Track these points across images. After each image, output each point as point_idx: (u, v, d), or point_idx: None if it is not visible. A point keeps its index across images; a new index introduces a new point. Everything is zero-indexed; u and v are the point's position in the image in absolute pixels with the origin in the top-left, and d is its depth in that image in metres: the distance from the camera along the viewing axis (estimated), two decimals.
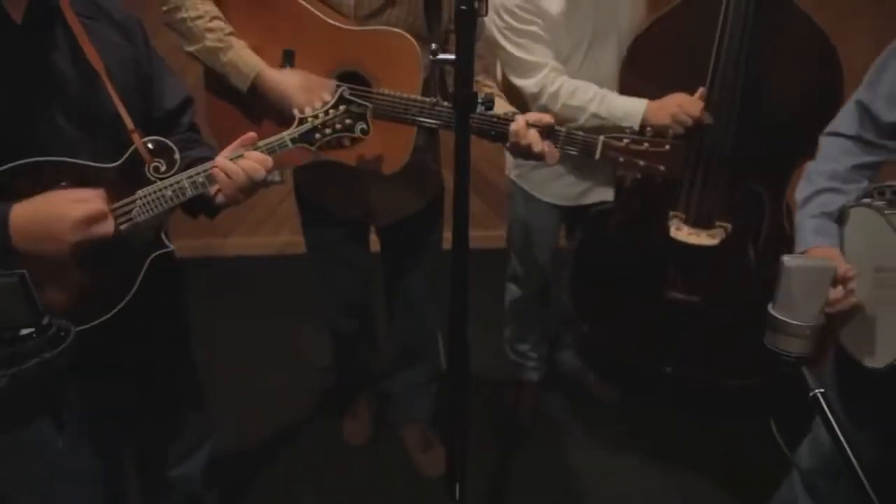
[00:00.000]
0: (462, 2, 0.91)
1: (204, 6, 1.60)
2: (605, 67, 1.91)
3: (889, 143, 1.37)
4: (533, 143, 1.48)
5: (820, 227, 1.37)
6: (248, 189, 1.30)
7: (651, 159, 1.48)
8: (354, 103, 1.37)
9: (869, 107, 1.37)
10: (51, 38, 1.18)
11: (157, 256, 1.29)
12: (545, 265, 2.25)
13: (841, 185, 1.39)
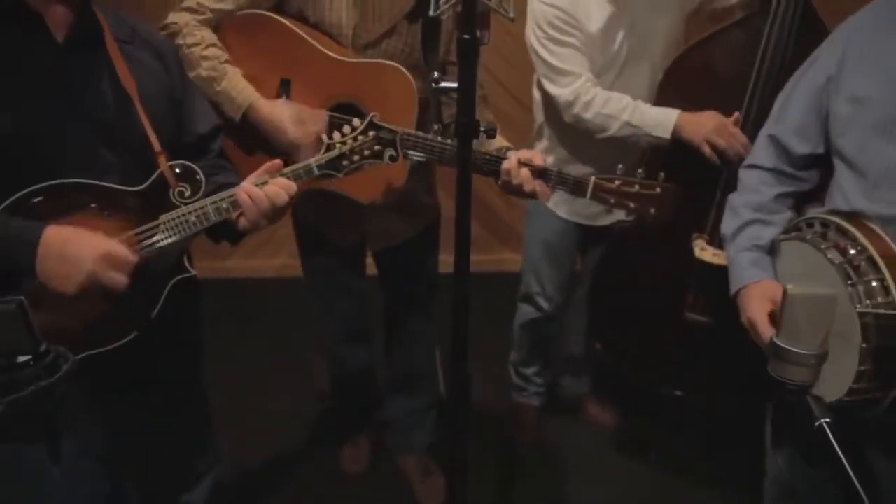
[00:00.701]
0: (464, 31, 0.91)
1: (201, 33, 1.60)
2: (637, 91, 1.93)
3: (804, 175, 1.39)
4: (524, 183, 1.47)
5: (755, 261, 1.36)
6: (272, 214, 1.29)
7: (641, 202, 1.47)
8: (384, 129, 1.36)
9: (780, 139, 1.38)
10: (89, 59, 1.21)
11: (180, 281, 1.28)
12: (562, 285, 2.24)
13: (767, 215, 1.39)
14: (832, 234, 1.22)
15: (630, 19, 1.89)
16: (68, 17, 1.18)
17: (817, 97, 1.32)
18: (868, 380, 1.13)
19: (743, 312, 1.36)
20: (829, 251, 1.18)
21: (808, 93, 1.34)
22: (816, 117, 1.33)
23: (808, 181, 1.40)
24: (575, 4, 1.85)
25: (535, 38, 1.92)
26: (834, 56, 1.29)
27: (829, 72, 1.30)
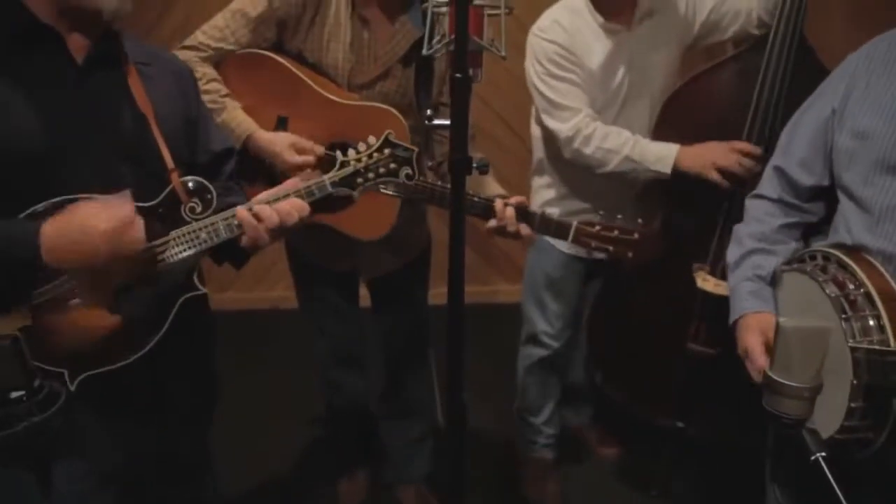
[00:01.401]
0: (457, 69, 0.93)
1: (203, 68, 1.66)
2: (637, 126, 1.93)
3: (809, 206, 1.38)
4: (508, 223, 1.52)
5: (755, 291, 1.36)
6: (279, 232, 1.27)
7: (619, 246, 1.53)
8: (400, 147, 1.32)
9: (786, 171, 1.38)
10: (107, 79, 1.23)
11: (192, 302, 1.27)
12: (569, 321, 2.19)
13: (770, 245, 1.39)
14: (832, 267, 1.21)
15: (629, 55, 1.90)
16: (88, 40, 1.22)
17: (822, 130, 1.32)
18: (860, 418, 1.11)
19: (739, 342, 1.36)
20: (827, 284, 1.17)
21: (814, 125, 1.34)
22: (822, 150, 1.33)
23: (813, 213, 1.40)
24: (574, 41, 1.87)
25: (535, 73, 1.93)
26: (839, 89, 1.29)
27: (833, 105, 1.30)
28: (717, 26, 1.92)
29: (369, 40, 1.71)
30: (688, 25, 1.92)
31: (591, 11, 1.88)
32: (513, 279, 3.37)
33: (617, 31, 1.89)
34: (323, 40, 1.69)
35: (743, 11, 1.89)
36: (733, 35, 1.93)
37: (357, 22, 1.69)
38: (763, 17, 1.86)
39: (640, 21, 1.89)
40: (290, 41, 1.71)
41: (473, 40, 0.97)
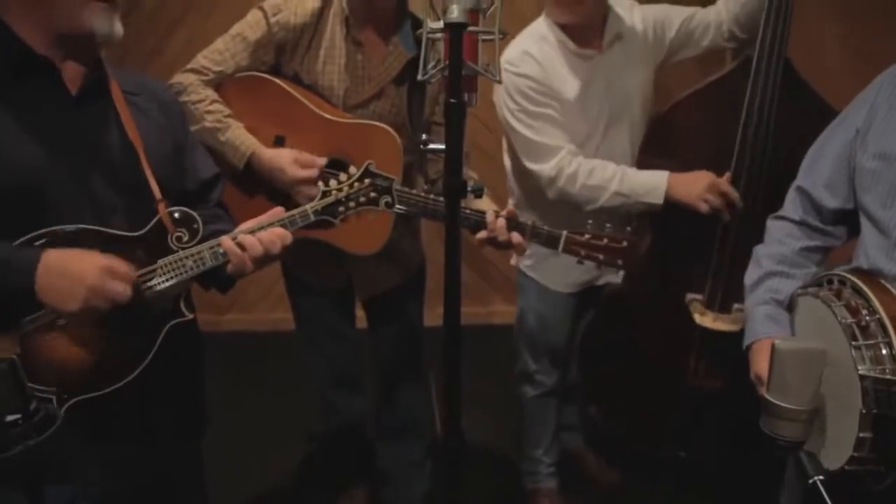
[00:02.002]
0: (452, 95, 0.94)
1: (205, 91, 1.71)
2: (620, 150, 1.90)
3: (832, 230, 1.36)
4: (499, 233, 1.53)
5: (770, 315, 1.34)
6: (262, 260, 1.30)
7: (609, 254, 1.54)
8: (380, 177, 1.38)
9: (810, 193, 1.36)
10: (99, 111, 1.26)
11: (180, 328, 1.29)
12: (561, 359, 2.15)
13: (789, 268, 1.36)
14: (847, 292, 1.18)
15: (606, 78, 1.85)
16: (82, 70, 1.25)
17: (847, 151, 1.30)
18: (870, 449, 1.08)
19: (752, 367, 1.34)
20: (839, 309, 1.15)
21: (839, 146, 1.32)
22: (846, 172, 1.30)
23: (836, 237, 1.37)
24: (547, 72, 1.81)
25: (508, 110, 1.84)
26: (863, 110, 1.28)
27: (857, 125, 1.28)
28: (689, 41, 1.90)
29: (363, 62, 1.75)
30: (658, 43, 1.89)
31: (562, 38, 1.83)
32: (511, 299, 3.35)
33: (590, 56, 1.84)
34: (319, 63, 1.74)
35: (713, 24, 1.86)
36: (705, 49, 1.91)
37: (351, 45, 1.74)
38: (734, 31, 1.84)
39: (611, 44, 1.85)
40: (288, 64, 1.76)
41: (468, 65, 0.99)
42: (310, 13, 1.71)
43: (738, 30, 1.84)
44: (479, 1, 0.98)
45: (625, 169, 1.81)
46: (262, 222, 1.31)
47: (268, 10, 1.72)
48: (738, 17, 1.82)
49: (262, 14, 1.72)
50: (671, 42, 1.89)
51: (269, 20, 1.71)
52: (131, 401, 1.25)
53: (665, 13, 1.90)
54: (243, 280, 1.38)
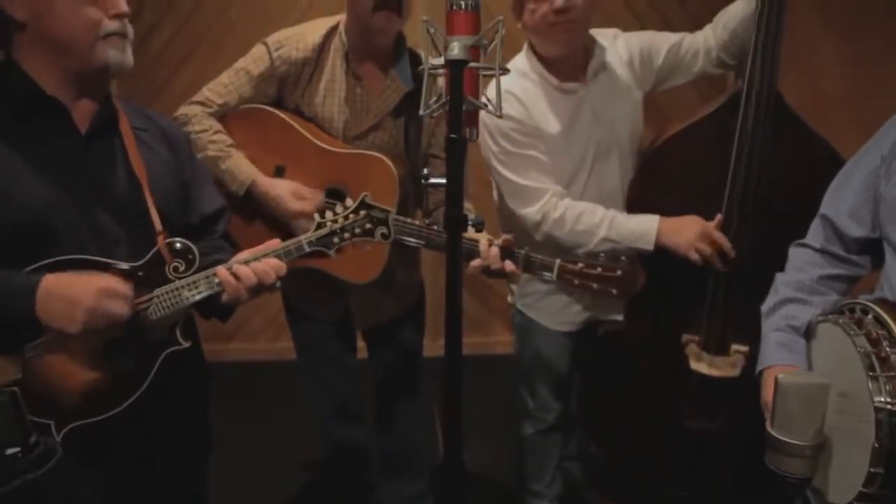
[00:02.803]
0: (452, 130, 0.95)
1: (209, 122, 1.76)
2: (609, 184, 1.87)
3: (857, 259, 1.33)
4: (493, 261, 1.53)
5: (784, 342, 1.31)
6: (256, 291, 1.33)
7: (603, 283, 1.54)
8: (376, 208, 1.39)
9: (834, 221, 1.34)
10: (107, 146, 1.31)
11: (181, 355, 1.30)
12: (559, 393, 2.11)
13: (807, 296, 1.34)
14: (869, 321, 1.15)
15: (592, 110, 1.81)
16: (92, 109, 1.29)
17: (872, 179, 1.28)
18: (881, 485, 1.05)
19: (762, 394, 1.32)
20: (859, 338, 1.12)
21: (864, 174, 1.30)
22: (871, 200, 1.28)
23: (860, 266, 1.34)
24: (530, 111, 1.77)
25: (492, 153, 1.80)
26: (889, 136, 1.26)
27: (882, 152, 1.26)
28: (678, 68, 1.86)
29: (362, 95, 1.79)
30: (645, 71, 1.86)
31: (543, 74, 1.79)
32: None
33: (574, 90, 1.80)
34: (319, 96, 1.78)
35: (702, 50, 1.83)
36: (696, 75, 1.88)
37: (351, 78, 1.78)
38: (723, 57, 1.82)
39: (595, 75, 1.81)
40: (289, 97, 1.81)
41: (469, 100, 1.00)
42: (311, 48, 1.76)
43: (728, 56, 1.82)
44: (480, 37, 0.99)
45: (614, 214, 1.78)
46: (257, 253, 1.34)
47: (271, 45, 1.77)
48: (726, 44, 1.81)
49: (266, 49, 1.77)
50: (659, 69, 1.86)
51: (272, 55, 1.76)
52: (130, 427, 1.26)
53: (651, 40, 1.87)
54: (247, 309, 1.39)
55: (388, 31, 1.71)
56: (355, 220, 1.38)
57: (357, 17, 1.71)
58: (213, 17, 3.18)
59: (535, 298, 2.01)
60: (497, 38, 1.01)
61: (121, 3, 1.25)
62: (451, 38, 0.98)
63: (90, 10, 1.21)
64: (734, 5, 1.80)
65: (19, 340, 1.20)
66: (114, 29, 1.24)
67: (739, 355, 1.78)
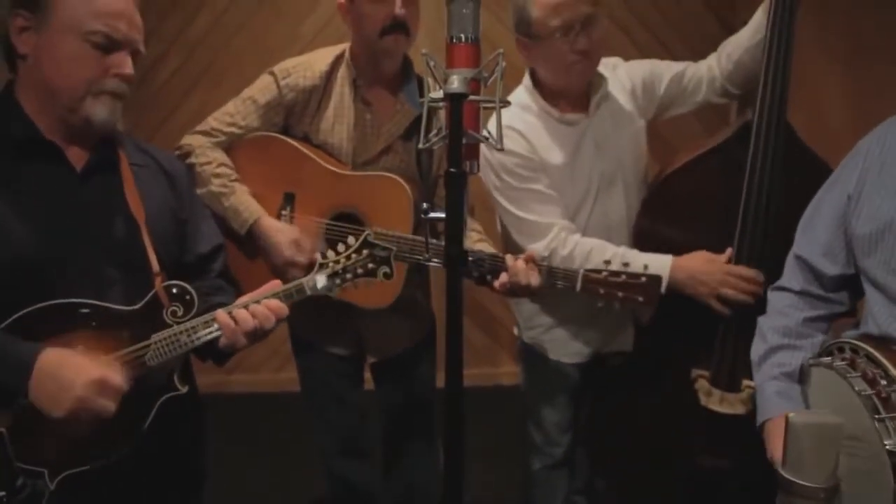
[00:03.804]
0: (452, 164, 0.93)
1: (213, 153, 1.73)
2: (615, 215, 1.83)
3: (835, 297, 1.33)
4: (521, 275, 1.54)
5: (781, 391, 1.30)
6: (254, 335, 1.30)
7: (629, 290, 1.54)
8: (378, 247, 1.38)
9: (809, 261, 1.34)
10: (103, 184, 1.28)
11: (177, 399, 1.28)
12: (567, 428, 2.06)
13: (795, 340, 1.33)
14: (861, 361, 1.15)
15: (595, 141, 1.79)
16: (87, 151, 1.27)
17: (841, 216, 1.28)
18: None
19: (767, 447, 1.30)
20: (857, 381, 1.12)
21: (832, 212, 1.30)
22: (842, 237, 1.28)
23: (840, 303, 1.34)
24: (533, 145, 1.75)
25: (495, 188, 1.78)
26: (853, 173, 1.26)
27: (848, 191, 1.26)
28: (681, 97, 1.85)
29: (372, 120, 1.78)
30: (648, 100, 1.84)
31: (545, 107, 1.77)
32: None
33: (576, 121, 1.78)
34: (328, 123, 1.77)
35: (706, 80, 1.82)
36: (699, 105, 1.86)
37: (360, 104, 1.77)
38: (727, 87, 1.81)
39: (598, 106, 1.79)
40: (297, 125, 1.79)
41: (469, 134, 0.98)
42: (318, 75, 1.75)
43: (732, 86, 1.81)
44: (480, 70, 0.98)
45: (625, 252, 1.73)
46: (257, 296, 1.31)
47: (278, 74, 1.76)
48: (731, 74, 1.79)
49: (273, 78, 1.76)
50: (661, 98, 1.85)
51: (279, 83, 1.75)
52: (125, 473, 1.23)
53: (653, 69, 1.85)
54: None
55: (395, 53, 1.73)
56: (357, 259, 1.37)
57: (364, 41, 1.71)
58: (218, 49, 3.20)
59: (541, 331, 1.97)
60: (498, 71, 0.99)
61: (125, 65, 1.23)
62: (450, 70, 0.96)
63: (90, 64, 1.20)
64: (739, 35, 1.79)
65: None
66: (111, 88, 1.22)
67: (750, 391, 1.71)
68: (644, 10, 3.25)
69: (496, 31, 1.81)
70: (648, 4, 3.25)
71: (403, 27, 1.67)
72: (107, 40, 1.19)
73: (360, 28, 1.71)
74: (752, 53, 1.73)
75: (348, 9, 1.72)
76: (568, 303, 1.87)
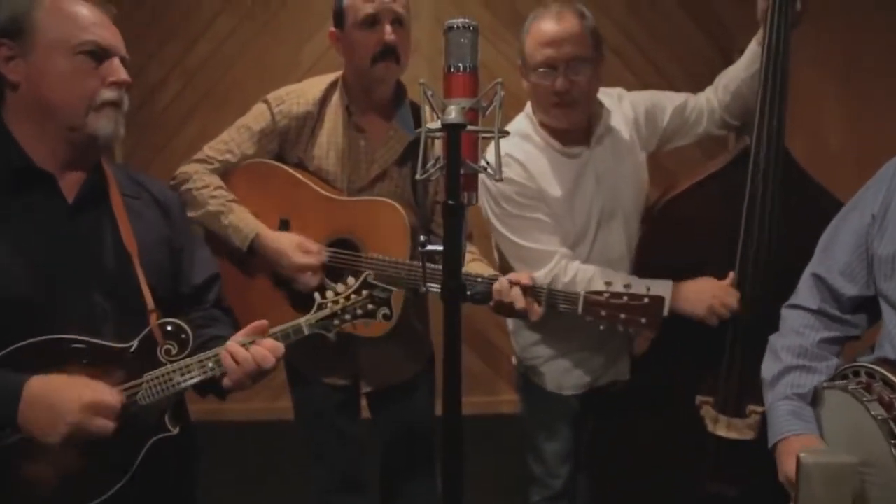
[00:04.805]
0: (450, 196, 0.91)
1: (209, 178, 1.73)
2: (614, 249, 1.81)
3: (851, 318, 1.31)
4: (516, 301, 1.53)
5: (795, 412, 1.27)
6: (257, 376, 1.28)
7: (631, 312, 1.52)
8: (378, 288, 1.37)
9: (827, 280, 1.32)
10: (95, 216, 1.27)
11: (170, 440, 1.25)
12: (567, 459, 2.01)
13: (810, 361, 1.30)
14: (877, 385, 1.13)
15: (595, 174, 1.77)
16: (80, 178, 1.25)
17: (863, 237, 1.26)
18: None
19: (780, 469, 1.26)
20: (872, 405, 1.09)
21: (854, 231, 1.29)
22: (863, 258, 1.27)
23: (856, 325, 1.32)
24: (533, 175, 1.73)
25: (495, 215, 1.76)
26: (878, 194, 1.25)
27: (872, 211, 1.25)
28: (683, 128, 1.84)
29: (366, 146, 1.78)
30: (651, 131, 1.83)
31: (546, 138, 1.76)
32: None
33: (578, 154, 1.76)
34: (322, 149, 1.77)
35: (706, 111, 1.82)
36: (700, 136, 1.86)
37: (353, 131, 1.77)
38: (726, 118, 1.81)
39: (600, 138, 1.78)
40: (291, 151, 1.79)
41: (467, 164, 0.96)
42: (312, 102, 1.76)
43: (730, 117, 1.81)
44: (478, 100, 0.96)
45: (625, 278, 1.69)
46: (248, 336, 1.28)
47: (272, 102, 1.77)
48: (729, 105, 1.80)
49: (266, 105, 1.77)
50: (664, 129, 1.84)
51: (272, 110, 1.75)
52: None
53: (655, 100, 1.85)
54: None
55: (387, 80, 1.74)
56: (357, 301, 1.36)
57: (356, 69, 1.73)
58: (218, 75, 3.22)
59: (540, 362, 1.93)
60: (496, 101, 0.98)
61: (120, 71, 1.23)
62: (448, 100, 0.95)
63: (87, 77, 1.20)
64: (735, 66, 1.80)
65: None
66: (109, 98, 1.21)
67: (757, 416, 1.70)
68: (639, 35, 3.28)
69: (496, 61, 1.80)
70: (643, 29, 3.27)
71: (394, 54, 1.68)
72: (97, 48, 1.20)
73: (351, 56, 1.72)
74: (749, 84, 1.74)
75: (339, 37, 1.74)
76: (565, 334, 1.85)
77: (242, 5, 3.17)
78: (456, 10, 3.11)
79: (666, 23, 3.29)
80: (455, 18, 0.96)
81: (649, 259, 1.77)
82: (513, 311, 1.54)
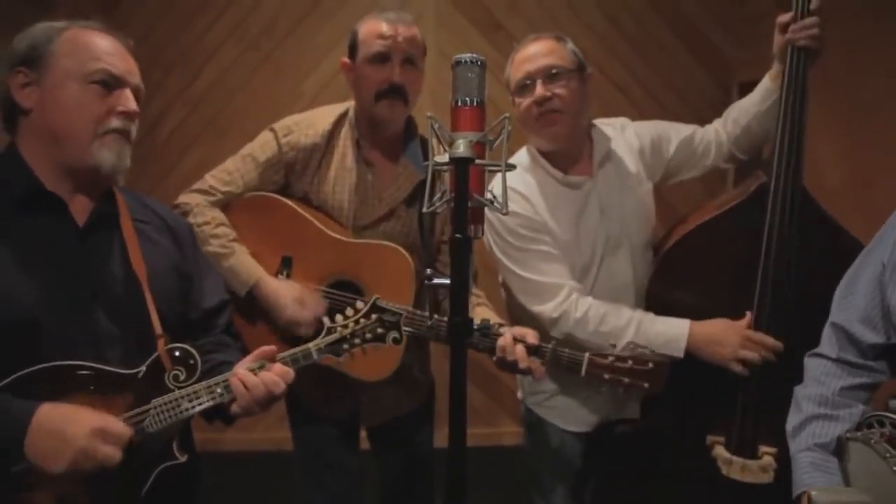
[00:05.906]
0: (457, 230, 0.91)
1: (211, 213, 1.68)
2: (621, 279, 1.78)
3: (874, 365, 1.28)
4: (519, 360, 1.49)
5: (817, 463, 1.24)
6: (267, 402, 1.26)
7: (635, 377, 1.50)
8: (388, 311, 1.35)
9: (846, 329, 1.30)
10: (105, 240, 1.27)
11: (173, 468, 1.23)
12: (571, 495, 1.95)
13: (831, 410, 1.28)
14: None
15: (599, 203, 1.75)
16: (91, 203, 1.25)
17: (878, 285, 1.24)
18: None
19: None
20: (895, 461, 1.08)
21: (870, 279, 1.26)
22: (880, 306, 1.24)
23: (880, 372, 1.29)
24: (536, 207, 1.71)
25: (499, 249, 1.73)
26: (888, 242, 1.23)
27: (883, 259, 1.23)
28: (690, 160, 1.83)
29: (374, 182, 1.74)
30: (657, 160, 1.82)
31: (547, 167, 1.74)
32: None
33: (580, 183, 1.74)
34: (329, 183, 1.72)
35: (714, 144, 1.80)
36: (707, 169, 1.84)
37: (362, 165, 1.74)
38: (734, 152, 1.79)
39: (601, 165, 1.76)
40: (297, 184, 1.75)
41: (475, 198, 0.96)
42: (320, 134, 1.72)
43: (739, 151, 1.80)
44: (486, 133, 0.97)
45: (642, 316, 1.67)
46: (257, 361, 1.27)
47: (278, 131, 1.73)
48: (738, 139, 1.78)
49: (273, 135, 1.73)
50: (670, 160, 1.82)
51: (279, 141, 1.72)
52: None
53: (660, 130, 1.83)
54: None
55: (392, 119, 1.70)
56: (366, 324, 1.34)
57: (362, 104, 1.70)
58: (221, 105, 3.23)
59: (546, 397, 1.89)
60: (503, 135, 0.98)
61: (129, 101, 1.24)
62: (456, 134, 0.95)
63: (96, 103, 1.21)
64: (747, 100, 1.78)
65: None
66: (116, 126, 1.22)
67: (770, 458, 1.66)
68: (638, 69, 3.30)
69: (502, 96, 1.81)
70: (642, 62, 3.30)
71: (400, 93, 1.65)
72: (108, 76, 1.21)
73: (357, 90, 1.70)
74: (760, 120, 1.73)
75: (350, 68, 1.72)
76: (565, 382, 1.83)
77: (246, 36, 3.20)
78: (461, 44, 3.14)
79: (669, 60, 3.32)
80: (463, 54, 0.97)
81: (661, 294, 1.74)
82: (515, 369, 1.51)
